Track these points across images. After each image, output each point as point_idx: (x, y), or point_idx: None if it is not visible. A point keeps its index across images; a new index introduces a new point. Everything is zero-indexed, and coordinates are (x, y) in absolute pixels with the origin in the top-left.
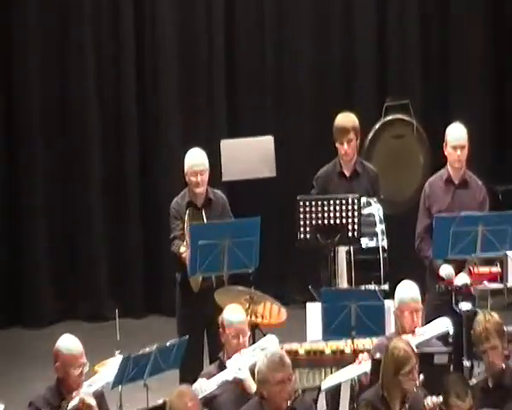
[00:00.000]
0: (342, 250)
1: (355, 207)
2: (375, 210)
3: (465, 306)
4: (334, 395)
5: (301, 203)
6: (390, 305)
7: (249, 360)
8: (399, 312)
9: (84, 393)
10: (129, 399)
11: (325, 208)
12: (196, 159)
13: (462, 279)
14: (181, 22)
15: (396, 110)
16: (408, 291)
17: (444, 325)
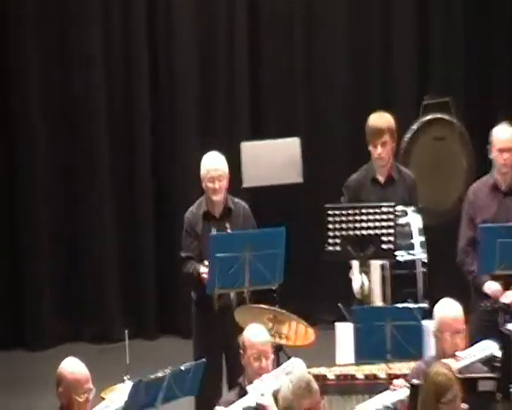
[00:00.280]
0: (376, 264)
1: (390, 216)
2: (413, 220)
3: None
4: None
5: (330, 212)
6: (429, 325)
7: (273, 386)
8: (440, 333)
9: None
10: None
11: (357, 218)
12: (214, 163)
13: (510, 297)
14: (199, 11)
15: (436, 109)
16: (449, 310)
17: (489, 348)
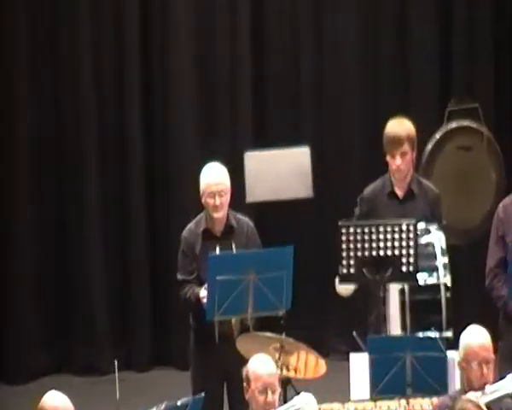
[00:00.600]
0: (394, 288)
1: (410, 235)
2: (436, 239)
3: None
4: None
5: (344, 230)
6: (454, 356)
7: None
8: (466, 363)
9: None
10: None
11: (373, 237)
12: (214, 176)
13: None
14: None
15: (462, 116)
16: (476, 338)
17: None
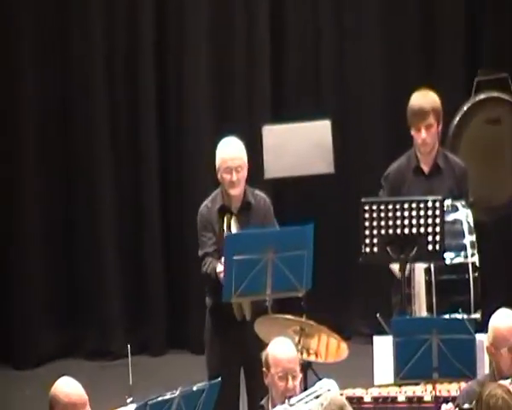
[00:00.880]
0: (420, 268)
1: (436, 212)
2: (463, 216)
3: None
4: None
5: (367, 208)
6: (482, 339)
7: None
8: (495, 348)
9: None
10: None
11: (397, 214)
12: (231, 151)
13: None
14: None
15: (491, 87)
16: (506, 321)
17: None
